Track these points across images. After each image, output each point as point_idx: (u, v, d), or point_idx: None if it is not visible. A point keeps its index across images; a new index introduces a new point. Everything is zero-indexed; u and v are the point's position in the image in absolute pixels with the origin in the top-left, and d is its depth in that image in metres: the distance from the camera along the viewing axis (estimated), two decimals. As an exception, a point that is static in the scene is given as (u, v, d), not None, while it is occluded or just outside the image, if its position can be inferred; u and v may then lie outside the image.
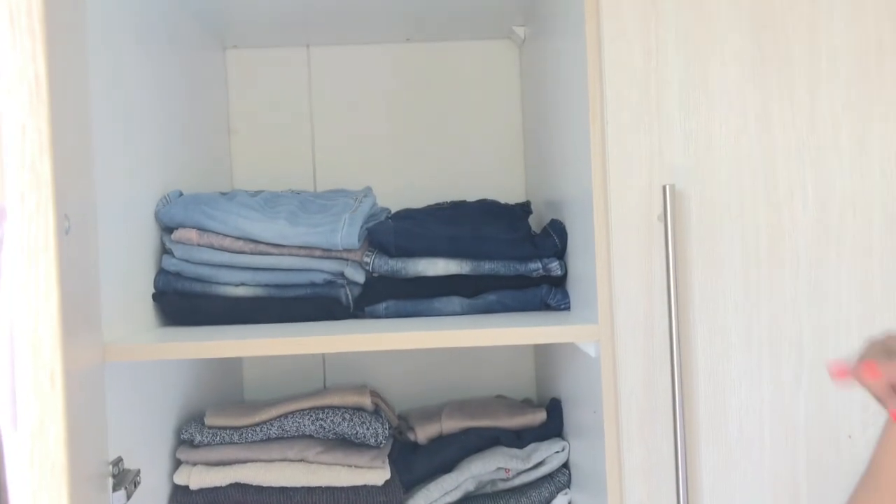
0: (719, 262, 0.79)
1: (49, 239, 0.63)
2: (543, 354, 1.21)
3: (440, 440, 1.09)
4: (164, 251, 0.99)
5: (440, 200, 1.18)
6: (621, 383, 0.80)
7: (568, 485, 1.04)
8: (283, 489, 0.98)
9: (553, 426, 1.09)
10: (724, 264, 0.79)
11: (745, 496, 0.79)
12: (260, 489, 0.98)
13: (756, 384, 0.79)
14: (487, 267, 0.98)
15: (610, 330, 0.80)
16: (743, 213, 0.79)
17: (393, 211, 1.09)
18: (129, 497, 0.81)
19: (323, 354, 1.28)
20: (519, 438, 1.08)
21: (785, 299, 0.79)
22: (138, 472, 0.85)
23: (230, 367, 1.25)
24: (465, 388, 1.27)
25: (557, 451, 1.05)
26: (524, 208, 1.13)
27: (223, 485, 0.98)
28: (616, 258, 0.79)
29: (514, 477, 1.04)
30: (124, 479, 0.82)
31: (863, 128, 0.79)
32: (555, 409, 1.09)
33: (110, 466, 0.80)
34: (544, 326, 0.82)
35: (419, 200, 1.16)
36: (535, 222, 1.11)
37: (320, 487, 0.98)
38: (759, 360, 0.79)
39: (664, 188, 0.76)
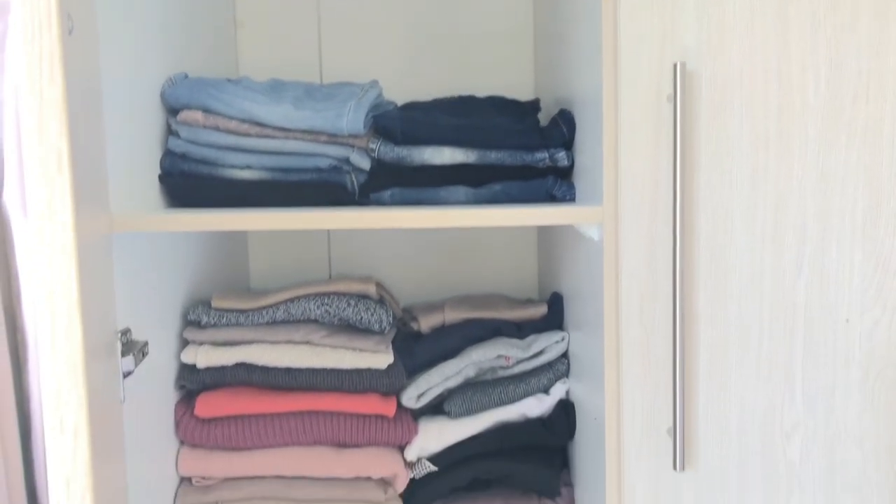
0: (727, 143, 0.78)
1: (54, 40, 0.63)
2: (546, 250, 1.21)
3: (442, 330, 1.10)
4: (170, 133, 0.98)
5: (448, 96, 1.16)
6: (623, 265, 0.80)
7: (566, 374, 1.06)
8: (288, 370, 1.00)
9: (554, 319, 1.10)
10: (732, 146, 0.78)
11: (741, 379, 0.81)
12: (265, 369, 1.00)
13: (758, 268, 0.79)
14: (493, 156, 0.97)
15: (614, 211, 0.80)
16: (753, 94, 0.78)
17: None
18: (136, 364, 0.83)
19: (329, 245, 1.29)
20: (520, 330, 1.09)
21: (791, 184, 0.79)
22: (146, 343, 0.87)
23: (236, 255, 1.26)
24: (469, 286, 1.28)
25: (557, 342, 1.06)
26: (533, 105, 1.12)
27: (229, 364, 1.00)
28: (623, 139, 0.79)
29: (514, 365, 1.06)
30: (132, 347, 0.84)
31: (885, 5, 0.77)
32: (556, 303, 1.11)
33: (119, 335, 0.82)
34: (548, 208, 0.82)
35: (426, 96, 1.15)
36: (544, 119, 1.10)
37: (325, 369, 1.00)
38: (762, 244, 0.79)
39: (675, 66, 0.75)
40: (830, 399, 0.80)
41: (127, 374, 0.83)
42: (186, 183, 0.97)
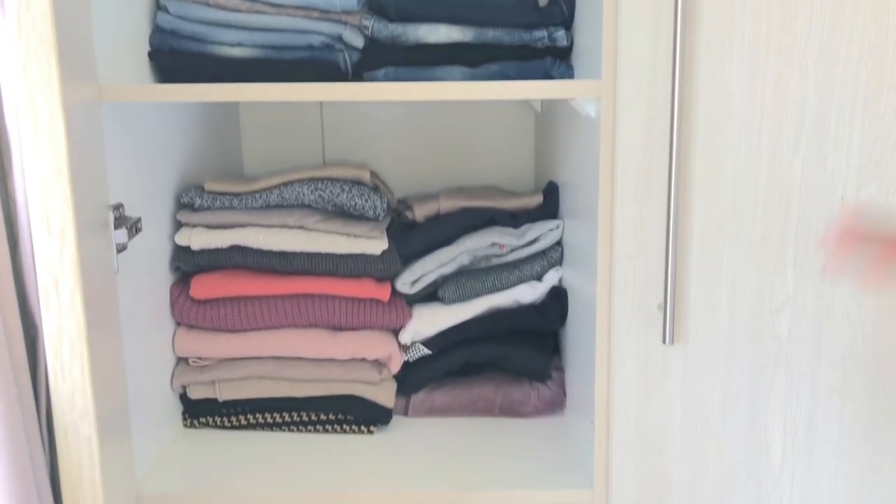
0: (729, 16, 0.76)
1: None
2: (544, 139, 1.20)
3: (437, 218, 1.10)
4: (159, 7, 0.96)
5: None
6: (620, 142, 0.79)
7: (560, 262, 1.07)
8: (282, 253, 1.00)
9: (549, 208, 1.10)
10: (734, 19, 0.76)
11: (733, 255, 0.81)
12: (260, 252, 1.00)
13: (755, 143, 0.79)
14: (491, 35, 0.95)
15: (612, 86, 0.79)
16: (759, -39, 0.75)
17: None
18: (129, 237, 0.83)
19: (322, 136, 1.28)
20: (514, 219, 1.09)
21: (793, 57, 0.77)
22: (139, 219, 0.87)
23: (229, 141, 1.25)
24: (464, 178, 1.27)
25: (551, 230, 1.06)
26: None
27: (224, 246, 1.00)
28: (623, 13, 0.77)
29: (508, 253, 1.07)
30: (125, 221, 0.83)
31: None
32: (551, 192, 1.10)
33: (111, 209, 0.81)
34: (546, 82, 0.81)
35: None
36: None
37: (319, 254, 1.01)
38: (761, 119, 0.78)
39: (679, -71, 0.72)
40: (821, 275, 0.81)
41: (121, 249, 0.83)
42: (176, 60, 0.95)
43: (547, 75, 0.96)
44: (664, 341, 0.80)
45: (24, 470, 0.63)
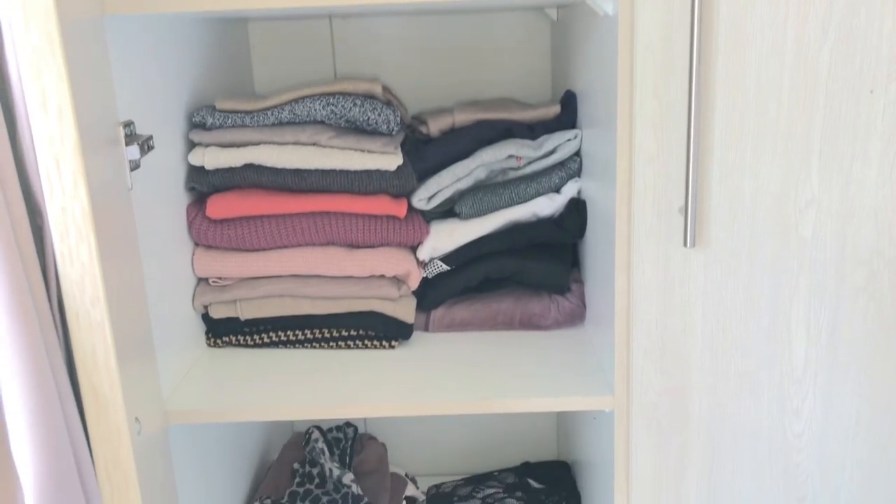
0: None
1: None
2: (560, 47, 1.17)
3: (452, 132, 1.08)
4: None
5: None
6: (638, 39, 0.76)
7: (579, 173, 1.05)
8: (297, 171, 0.99)
9: (567, 118, 1.07)
10: None
11: (756, 154, 0.79)
12: (274, 171, 0.99)
13: (780, 35, 0.75)
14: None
15: (630, -21, 0.75)
16: None
17: None
18: (142, 154, 0.82)
19: (333, 54, 1.25)
20: (531, 131, 1.07)
21: (821, -59, 0.73)
22: (150, 137, 0.86)
23: (239, 61, 1.22)
24: (479, 91, 1.24)
25: (570, 139, 1.04)
26: None
27: (237, 165, 0.99)
28: None
29: (525, 165, 1.05)
30: (136, 139, 0.83)
31: None
32: (569, 102, 1.07)
33: (121, 126, 0.80)
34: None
35: None
36: None
37: (334, 170, 0.99)
38: (787, 8, 0.75)
39: None
40: (847, 173, 0.79)
41: (134, 167, 0.82)
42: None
43: (562, -23, 0.93)
44: (685, 244, 0.79)
45: (38, 355, 0.64)
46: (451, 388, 0.92)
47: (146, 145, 0.84)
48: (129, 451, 0.73)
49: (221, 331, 1.04)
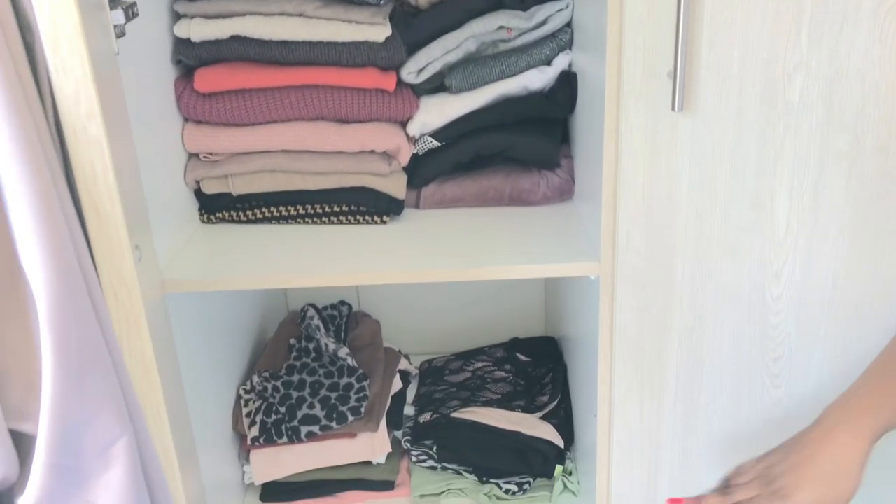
0: None
1: None
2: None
3: (442, 3, 1.05)
4: None
5: None
6: None
7: (570, 45, 1.04)
8: (284, 43, 0.98)
9: None
10: None
11: (746, 18, 0.78)
12: (261, 43, 0.98)
13: None
14: None
15: None
16: None
17: None
18: (127, 19, 0.81)
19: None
20: (522, 1, 1.05)
21: None
22: (135, 3, 0.85)
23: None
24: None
25: (561, 9, 1.02)
26: None
27: (224, 37, 0.98)
28: None
29: (516, 37, 1.04)
30: (120, 3, 0.81)
31: None
32: (560, -26, 1.05)
33: (105, -12, 0.79)
34: None
35: None
36: None
37: (321, 42, 0.98)
38: None
39: None
40: (837, 36, 0.78)
41: (120, 35, 0.81)
42: None
43: None
44: (673, 108, 0.80)
45: (41, 171, 0.65)
46: (441, 258, 0.94)
47: (130, 11, 0.83)
48: (131, 271, 0.76)
49: (214, 206, 1.05)
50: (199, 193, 1.05)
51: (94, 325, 0.72)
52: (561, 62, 1.04)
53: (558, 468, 1.12)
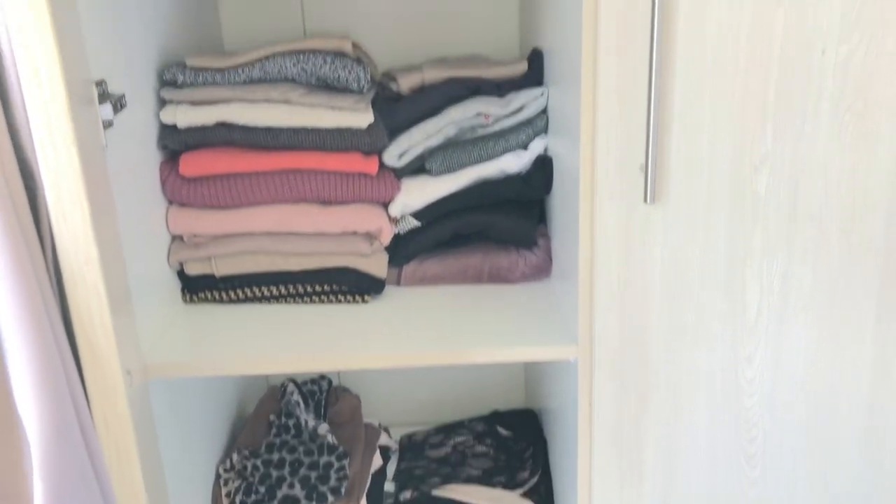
0: None
1: None
2: (527, 5, 1.18)
3: (422, 90, 1.10)
4: None
5: None
6: (602, 3, 0.78)
7: (545, 130, 1.08)
8: (268, 129, 1.01)
9: (534, 76, 1.09)
10: None
11: (714, 113, 0.82)
12: (246, 129, 1.00)
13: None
14: None
15: (594, -58, 0.77)
16: None
17: None
18: (115, 112, 0.83)
19: (302, 10, 1.25)
20: (499, 88, 1.09)
21: None
22: (123, 95, 0.87)
23: (207, 16, 1.22)
24: (448, 49, 1.25)
25: (536, 97, 1.06)
26: None
27: (210, 123, 1.00)
28: None
29: (493, 122, 1.07)
30: (109, 97, 0.83)
31: None
32: (536, 60, 1.09)
33: (94, 84, 0.81)
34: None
35: None
36: None
37: (305, 128, 1.01)
38: (744, -28, 0.77)
39: None
40: (800, 131, 0.82)
41: (108, 126, 0.83)
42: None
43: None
44: (646, 201, 0.82)
45: (38, 314, 0.66)
46: (421, 340, 0.95)
47: (119, 104, 0.85)
48: (124, 403, 0.77)
49: (197, 287, 1.06)
50: (181, 274, 1.06)
51: (86, 468, 0.73)
52: (537, 147, 1.07)
53: (539, 547, 1.12)
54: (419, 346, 0.94)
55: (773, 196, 0.84)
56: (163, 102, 1.01)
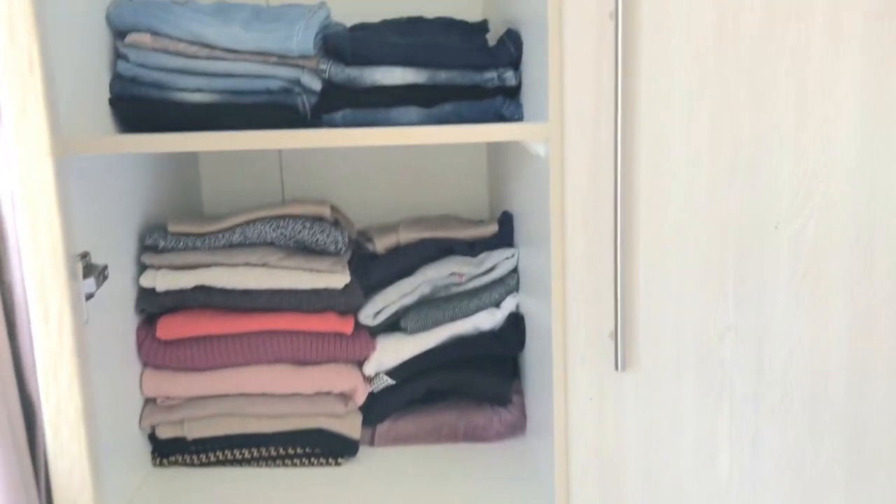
0: (667, 60, 0.82)
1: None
2: (496, 170, 1.24)
3: (397, 250, 1.14)
4: (118, 56, 0.97)
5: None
6: (568, 180, 0.84)
7: (517, 288, 1.11)
8: (246, 291, 1.02)
9: (504, 237, 1.14)
10: (672, 63, 0.82)
11: (678, 284, 0.86)
12: (224, 291, 1.02)
13: (695, 180, 0.84)
14: (444, 76, 0.99)
15: (559, 129, 0.83)
16: (691, 12, 0.81)
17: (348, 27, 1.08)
18: (98, 286, 0.85)
19: (281, 170, 1.30)
20: (472, 248, 1.13)
21: (728, 99, 0.83)
22: (105, 266, 0.88)
23: (188, 180, 1.26)
24: (422, 208, 1.31)
25: (507, 258, 1.10)
26: (481, 26, 1.13)
27: (188, 287, 1.02)
28: (568, 57, 0.81)
29: (466, 281, 1.11)
30: (92, 270, 0.85)
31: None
32: (506, 222, 1.14)
33: (78, 259, 0.83)
34: (497, 126, 0.85)
35: (375, 19, 1.14)
36: (492, 40, 1.11)
37: (283, 290, 1.03)
38: (700, 157, 0.84)
39: (616, -17, 0.77)
40: (759, 300, 0.86)
41: (89, 297, 0.84)
42: (137, 107, 0.97)
43: (498, 113, 1.00)
44: (616, 368, 0.85)
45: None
46: (397, 507, 0.94)
47: (101, 276, 0.87)
48: None
49: (168, 450, 1.04)
50: (152, 437, 1.04)
51: None
52: (509, 304, 1.10)
53: None
54: (395, 512, 0.93)
55: (739, 361, 0.88)
56: (143, 267, 1.03)
